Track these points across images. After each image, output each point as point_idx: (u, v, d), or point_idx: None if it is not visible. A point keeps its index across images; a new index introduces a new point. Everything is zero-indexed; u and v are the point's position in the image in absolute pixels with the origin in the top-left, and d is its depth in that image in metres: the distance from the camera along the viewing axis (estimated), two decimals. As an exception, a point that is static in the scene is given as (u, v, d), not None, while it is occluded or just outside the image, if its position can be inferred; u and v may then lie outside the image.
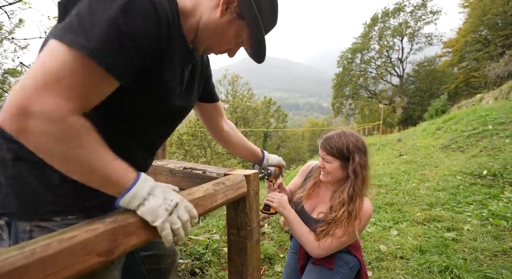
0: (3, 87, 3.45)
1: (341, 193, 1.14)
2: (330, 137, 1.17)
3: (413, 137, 9.59)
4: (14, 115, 0.44)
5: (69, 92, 0.48)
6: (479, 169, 4.14)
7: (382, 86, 32.72)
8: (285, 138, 28.70)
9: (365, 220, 1.12)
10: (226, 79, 27.31)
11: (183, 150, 10.68)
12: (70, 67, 0.47)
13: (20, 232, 0.62)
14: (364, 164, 1.13)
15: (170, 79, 0.69)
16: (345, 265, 1.21)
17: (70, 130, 0.48)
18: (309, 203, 1.27)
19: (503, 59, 15.46)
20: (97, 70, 0.50)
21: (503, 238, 2.30)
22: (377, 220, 2.97)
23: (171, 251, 1.08)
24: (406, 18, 30.07)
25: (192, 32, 0.72)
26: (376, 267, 2.08)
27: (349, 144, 1.12)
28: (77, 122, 0.49)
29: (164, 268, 1.05)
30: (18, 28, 5.64)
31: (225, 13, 0.69)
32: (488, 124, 6.30)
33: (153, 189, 0.59)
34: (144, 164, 0.87)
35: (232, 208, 1.01)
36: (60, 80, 0.47)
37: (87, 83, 0.50)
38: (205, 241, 2.34)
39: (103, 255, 0.49)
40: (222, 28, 0.71)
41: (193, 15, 0.70)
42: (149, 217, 0.57)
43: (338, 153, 1.13)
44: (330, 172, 1.16)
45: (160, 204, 0.58)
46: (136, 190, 0.57)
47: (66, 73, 0.47)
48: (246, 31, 0.74)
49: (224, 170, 1.08)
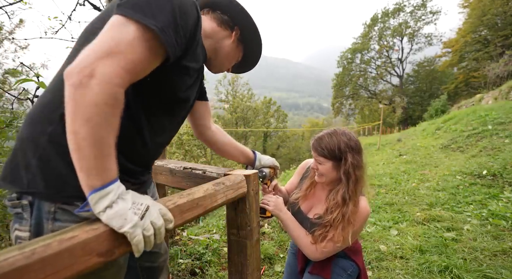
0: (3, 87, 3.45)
1: (336, 194, 1.11)
2: (321, 137, 1.13)
3: (413, 137, 9.60)
4: (81, 71, 0.50)
5: (129, 64, 0.54)
6: (478, 169, 4.14)
7: (382, 86, 32.73)
8: (285, 138, 28.69)
9: (360, 222, 1.08)
10: (226, 79, 27.31)
11: (183, 150, 10.66)
12: (137, 42, 0.55)
13: (44, 213, 0.64)
14: (358, 164, 1.08)
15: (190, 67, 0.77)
16: (343, 273, 1.17)
17: (115, 102, 0.53)
18: (306, 204, 1.24)
19: (503, 59, 15.48)
20: (157, 46, 0.58)
21: (502, 238, 2.30)
22: (377, 220, 2.97)
23: (164, 250, 1.09)
24: (406, 18, 30.09)
25: (208, 51, 0.90)
26: (376, 267, 2.08)
27: (340, 144, 1.08)
28: (121, 97, 0.54)
29: (157, 267, 1.06)
30: (19, 28, 5.64)
31: (234, 40, 0.93)
32: (488, 124, 6.31)
33: (123, 193, 0.57)
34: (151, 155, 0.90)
35: (232, 208, 1.01)
36: (125, 52, 0.53)
37: (145, 58, 0.57)
38: (205, 241, 2.34)
39: (103, 255, 0.49)
40: (234, 53, 0.96)
41: (210, 38, 0.89)
42: (116, 221, 0.52)
43: (329, 154, 1.08)
44: (323, 174, 1.12)
45: (129, 207, 0.54)
46: (111, 189, 0.54)
47: (132, 47, 0.54)
48: (242, 51, 1.00)
49: (224, 170, 1.08)
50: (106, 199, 0.53)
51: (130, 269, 0.97)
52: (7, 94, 2.66)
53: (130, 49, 0.54)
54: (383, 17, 31.00)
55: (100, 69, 0.51)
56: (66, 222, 0.65)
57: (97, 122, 0.51)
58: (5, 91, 2.72)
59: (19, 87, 2.05)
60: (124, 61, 0.53)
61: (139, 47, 0.55)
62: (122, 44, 0.53)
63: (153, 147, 0.83)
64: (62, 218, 0.65)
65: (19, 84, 1.50)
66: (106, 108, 0.52)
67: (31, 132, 0.65)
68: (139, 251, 0.54)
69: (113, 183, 0.55)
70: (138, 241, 0.53)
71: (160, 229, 0.57)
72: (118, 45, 0.53)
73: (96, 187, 0.52)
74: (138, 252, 0.54)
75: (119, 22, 0.55)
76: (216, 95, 27.57)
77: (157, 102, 0.76)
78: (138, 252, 0.54)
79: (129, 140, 0.74)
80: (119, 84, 0.53)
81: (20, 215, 0.65)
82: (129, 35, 0.54)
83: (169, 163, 1.31)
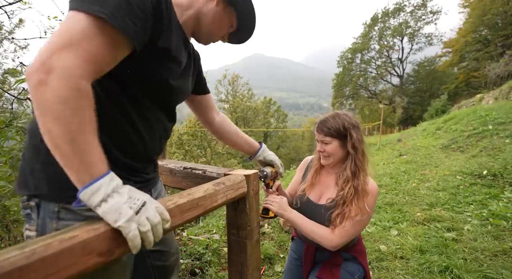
0: (3, 87, 3.46)
1: (344, 171, 1.16)
2: (325, 119, 1.19)
3: (413, 137, 9.59)
4: (38, 69, 0.50)
5: (87, 54, 0.54)
6: (479, 169, 4.14)
7: (382, 86, 32.74)
8: (285, 138, 28.66)
9: (372, 195, 1.12)
10: (226, 79, 27.29)
11: (183, 150, 10.68)
12: (89, 31, 0.54)
13: (49, 212, 0.68)
14: (361, 139, 1.16)
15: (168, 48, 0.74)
16: (351, 278, 1.18)
17: (79, 94, 0.52)
18: (314, 192, 1.25)
19: (503, 59, 15.46)
20: (112, 32, 0.57)
21: (503, 238, 2.30)
22: (377, 220, 2.97)
23: (175, 249, 1.10)
24: (406, 18, 30.10)
25: (191, 22, 0.85)
26: (376, 267, 2.08)
27: (344, 122, 1.15)
28: (86, 89, 0.53)
29: (168, 266, 1.07)
30: (18, 28, 5.64)
31: (218, 2, 0.84)
32: (488, 124, 6.30)
33: (119, 187, 0.55)
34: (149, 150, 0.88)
35: (232, 208, 1.01)
36: (80, 42, 0.53)
37: (103, 46, 0.56)
38: (205, 241, 2.34)
39: (103, 254, 0.49)
40: (220, 16, 0.86)
41: (189, 8, 0.83)
42: (111, 216, 0.51)
43: (336, 132, 1.15)
44: (331, 154, 1.17)
45: (124, 201, 0.53)
46: (102, 183, 0.53)
47: (85, 37, 0.53)
48: (235, 15, 0.90)
49: (224, 170, 1.08)
50: (99, 193, 0.52)
51: (141, 267, 1.01)
52: (7, 94, 2.66)
53: (84, 39, 0.53)
54: (383, 17, 31.00)
55: (57, 63, 0.50)
56: (70, 220, 0.68)
57: (65, 118, 0.51)
58: (4, 91, 2.72)
59: (18, 87, 2.05)
60: (81, 51, 0.53)
61: (93, 36, 0.54)
62: (75, 36, 0.53)
63: (151, 141, 0.83)
64: (66, 217, 0.68)
65: (19, 84, 1.50)
66: (72, 102, 0.51)
67: (33, 140, 0.69)
68: (135, 247, 0.52)
69: (104, 177, 0.53)
70: (133, 236, 0.51)
71: (157, 226, 0.55)
72: (71, 37, 0.52)
73: (86, 182, 0.52)
74: (135, 248, 0.52)
75: (70, 16, 0.55)
76: (216, 95, 27.56)
77: (146, 94, 0.76)
78: (134, 248, 0.52)
79: (124, 135, 0.75)
80: (80, 76, 0.52)
81: (29, 216, 0.69)
82: (81, 26, 0.54)
83: (169, 163, 1.31)
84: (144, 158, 0.85)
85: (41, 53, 0.51)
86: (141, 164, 0.85)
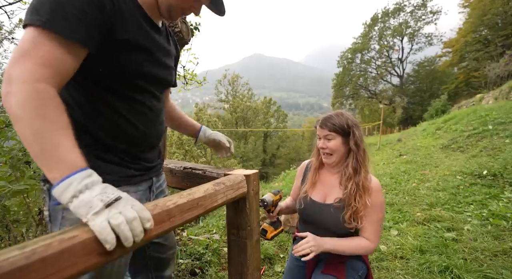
0: (3, 87, 3.48)
1: (346, 168, 1.18)
2: (329, 116, 1.22)
3: (413, 137, 9.59)
4: (4, 82, 0.55)
5: (40, 59, 0.57)
6: (479, 169, 4.14)
7: (382, 86, 32.74)
8: (285, 138, 28.65)
9: (377, 191, 1.16)
10: (226, 79, 27.29)
11: (183, 150, 10.66)
12: (36, 39, 0.58)
13: (55, 199, 0.70)
14: (362, 137, 1.20)
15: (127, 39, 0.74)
16: (355, 274, 1.20)
17: (38, 95, 0.55)
18: (317, 193, 1.26)
19: (503, 59, 15.46)
20: (55, 36, 0.59)
21: (503, 238, 2.30)
22: (377, 220, 2.97)
23: (173, 244, 1.14)
24: (406, 18, 30.10)
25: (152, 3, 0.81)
26: (376, 267, 2.08)
27: (347, 120, 1.19)
28: (46, 90, 0.56)
29: (165, 258, 1.11)
30: (18, 28, 5.64)
31: None
32: (488, 124, 6.30)
33: (94, 183, 0.54)
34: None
35: (232, 208, 1.01)
36: (31, 51, 0.57)
37: (53, 50, 0.59)
38: (205, 241, 2.34)
39: (103, 255, 0.49)
40: None
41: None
42: (82, 210, 0.49)
43: (340, 128, 1.17)
44: (333, 151, 1.18)
45: (95, 195, 0.51)
46: (74, 179, 0.52)
47: (35, 45, 0.58)
48: None
49: (224, 170, 1.08)
50: (70, 190, 0.51)
51: (140, 257, 1.08)
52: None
53: (34, 47, 0.58)
54: (383, 17, 30.99)
55: (15, 73, 0.55)
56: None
57: (27, 121, 0.53)
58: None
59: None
60: (33, 58, 0.57)
61: (41, 43, 0.58)
62: (26, 47, 0.58)
63: (145, 127, 0.87)
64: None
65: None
66: (33, 104, 0.54)
67: None
68: (106, 241, 0.47)
69: (76, 174, 0.53)
70: (100, 228, 0.47)
71: (133, 223, 0.51)
72: (23, 49, 0.58)
73: (57, 179, 0.52)
74: (106, 243, 0.47)
75: (23, 33, 0.61)
76: (216, 95, 27.57)
77: (125, 86, 0.79)
78: (106, 243, 0.47)
79: (117, 127, 0.80)
80: (37, 79, 0.56)
81: (45, 198, 0.78)
82: (29, 37, 0.59)
83: (169, 163, 1.31)
84: (141, 143, 0.88)
85: (5, 70, 0.57)
86: (139, 150, 0.88)
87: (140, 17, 0.78)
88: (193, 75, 2.84)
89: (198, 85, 2.95)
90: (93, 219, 0.48)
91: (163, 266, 1.12)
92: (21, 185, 1.26)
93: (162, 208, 0.64)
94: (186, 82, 2.78)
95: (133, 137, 0.85)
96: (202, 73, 3.16)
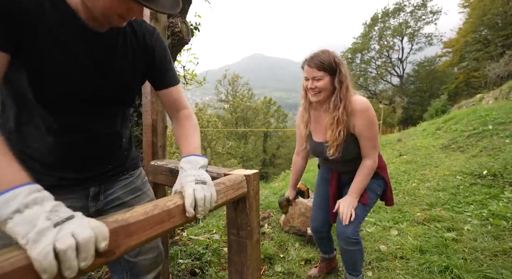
0: (3, 87, 3.48)
1: (328, 104, 1.31)
2: (315, 55, 1.27)
3: (413, 137, 9.59)
4: None
5: None
6: (479, 169, 4.14)
7: (382, 86, 32.73)
8: (285, 138, 28.63)
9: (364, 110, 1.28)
10: (226, 79, 27.28)
11: (183, 150, 10.69)
12: None
13: None
14: (346, 74, 1.27)
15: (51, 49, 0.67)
16: (375, 196, 1.42)
17: None
18: (317, 134, 1.43)
19: (503, 59, 15.45)
20: None
21: (503, 238, 2.30)
22: (377, 220, 2.97)
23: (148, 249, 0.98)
24: (406, 18, 30.08)
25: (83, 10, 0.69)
26: (376, 267, 2.08)
27: (334, 58, 1.25)
28: None
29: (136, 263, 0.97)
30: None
31: None
32: (488, 124, 6.30)
33: (45, 199, 0.45)
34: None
35: (232, 208, 1.01)
36: None
37: None
38: (205, 241, 2.34)
39: (103, 255, 0.49)
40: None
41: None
42: (22, 228, 0.40)
43: (328, 66, 1.23)
44: (322, 89, 1.27)
45: (45, 211, 0.43)
46: (20, 192, 0.43)
47: None
48: None
49: (224, 170, 1.08)
50: (13, 203, 0.42)
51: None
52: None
53: None
54: (383, 17, 30.97)
55: None
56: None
57: None
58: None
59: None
60: None
61: None
62: None
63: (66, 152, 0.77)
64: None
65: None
66: None
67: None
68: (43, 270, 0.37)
69: (18, 187, 0.44)
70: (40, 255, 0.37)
71: (87, 244, 0.42)
72: None
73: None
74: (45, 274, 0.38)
75: None
76: (216, 95, 27.56)
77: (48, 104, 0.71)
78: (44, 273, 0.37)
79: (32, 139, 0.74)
80: None
81: None
82: None
83: (169, 163, 1.31)
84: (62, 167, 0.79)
85: None
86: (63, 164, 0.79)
87: (68, 24, 0.69)
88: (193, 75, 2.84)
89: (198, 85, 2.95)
90: (34, 242, 0.39)
91: (137, 270, 0.98)
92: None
93: (162, 208, 0.64)
94: (186, 82, 2.78)
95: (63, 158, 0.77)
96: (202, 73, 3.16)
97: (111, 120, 0.85)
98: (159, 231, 0.62)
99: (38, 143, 0.74)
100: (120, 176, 0.94)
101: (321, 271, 1.92)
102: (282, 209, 1.83)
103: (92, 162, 0.84)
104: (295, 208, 2.63)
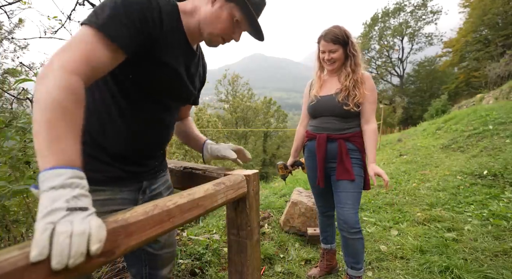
0: (3, 87, 3.46)
1: (345, 69, 1.56)
2: (330, 30, 1.53)
3: (414, 137, 9.59)
4: (45, 67, 0.60)
5: (80, 55, 0.62)
6: (479, 169, 4.14)
7: (382, 86, 32.70)
8: (285, 138, 28.62)
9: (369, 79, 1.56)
10: (226, 79, 27.27)
11: (183, 150, 10.67)
12: (83, 38, 0.65)
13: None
14: (357, 46, 1.56)
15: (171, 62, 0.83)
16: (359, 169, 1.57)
17: (69, 85, 0.58)
18: (323, 91, 1.63)
19: (504, 59, 15.45)
20: (104, 39, 0.66)
21: (503, 238, 2.30)
22: (377, 220, 2.97)
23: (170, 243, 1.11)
24: (406, 18, 30.07)
25: (195, 30, 0.87)
26: (376, 267, 2.08)
27: (345, 31, 1.52)
28: (77, 83, 0.60)
29: (158, 255, 1.07)
30: (18, 28, 5.64)
31: (214, 3, 0.83)
32: (489, 124, 6.30)
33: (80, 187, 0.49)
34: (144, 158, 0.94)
35: (232, 208, 1.01)
36: (77, 45, 0.64)
37: (96, 49, 0.65)
38: (205, 241, 2.34)
39: (103, 255, 0.49)
40: (216, 15, 0.83)
41: (192, 16, 0.86)
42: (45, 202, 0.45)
43: (342, 40, 1.51)
44: (336, 59, 1.54)
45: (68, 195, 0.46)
46: (65, 172, 0.48)
47: (82, 41, 0.65)
48: (237, 10, 0.84)
49: (224, 170, 1.08)
50: (56, 180, 0.47)
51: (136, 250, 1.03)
52: (7, 94, 2.66)
53: (81, 43, 0.64)
54: (383, 17, 30.97)
55: (56, 60, 0.60)
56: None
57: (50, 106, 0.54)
58: (4, 91, 2.72)
59: (18, 87, 2.05)
60: (76, 51, 0.62)
61: (89, 41, 0.65)
62: (75, 41, 0.64)
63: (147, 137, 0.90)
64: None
65: (19, 84, 1.50)
66: (62, 93, 0.56)
67: None
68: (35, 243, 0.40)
69: (70, 169, 0.50)
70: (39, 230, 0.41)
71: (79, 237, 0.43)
72: (71, 43, 0.64)
73: (50, 165, 0.49)
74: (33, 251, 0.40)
75: (78, 30, 0.68)
76: (216, 95, 27.55)
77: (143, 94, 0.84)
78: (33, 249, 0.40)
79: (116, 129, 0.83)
80: (72, 71, 0.59)
81: None
82: (81, 34, 0.66)
83: (169, 163, 1.30)
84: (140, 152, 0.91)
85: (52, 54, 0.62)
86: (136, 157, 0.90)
87: (180, 41, 0.85)
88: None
89: (198, 85, 2.94)
90: (43, 217, 0.43)
91: (157, 264, 1.08)
92: (20, 185, 1.26)
93: (162, 208, 0.64)
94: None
95: (133, 145, 0.87)
96: (202, 73, 3.16)
97: (175, 113, 1.02)
98: (159, 231, 0.62)
99: (112, 131, 0.83)
100: (161, 173, 1.06)
101: (321, 271, 1.93)
102: (278, 172, 1.97)
103: (151, 152, 0.96)
104: (295, 208, 2.63)
